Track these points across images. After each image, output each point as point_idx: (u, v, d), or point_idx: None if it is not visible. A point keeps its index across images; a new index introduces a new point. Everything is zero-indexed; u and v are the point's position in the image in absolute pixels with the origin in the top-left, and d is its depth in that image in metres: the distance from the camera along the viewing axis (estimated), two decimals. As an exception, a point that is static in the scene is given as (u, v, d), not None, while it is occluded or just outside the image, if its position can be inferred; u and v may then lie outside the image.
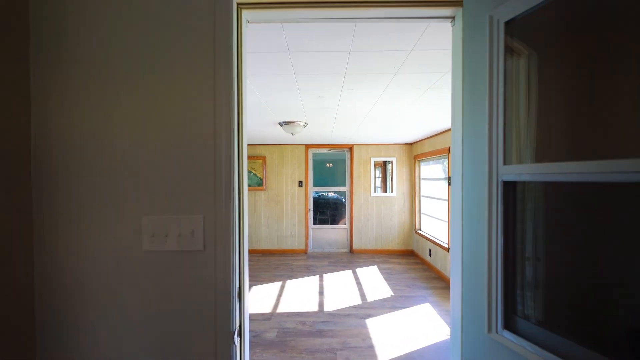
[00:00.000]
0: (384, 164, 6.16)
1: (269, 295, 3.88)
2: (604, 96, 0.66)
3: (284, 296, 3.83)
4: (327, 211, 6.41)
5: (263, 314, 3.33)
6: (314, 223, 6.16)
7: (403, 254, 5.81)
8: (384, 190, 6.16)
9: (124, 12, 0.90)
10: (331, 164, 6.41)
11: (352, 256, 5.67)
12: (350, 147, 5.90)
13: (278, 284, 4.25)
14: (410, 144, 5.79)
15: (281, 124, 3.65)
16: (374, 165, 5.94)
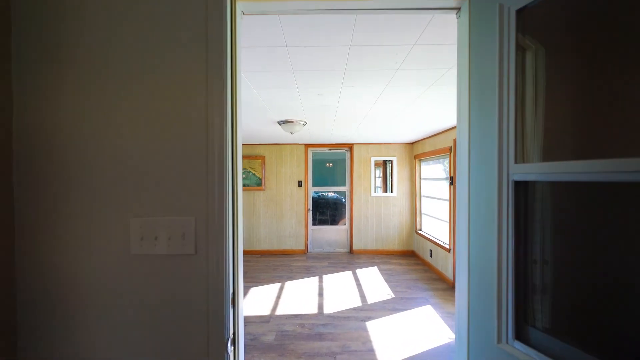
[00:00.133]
0: (384, 164, 6.11)
1: (268, 296, 3.82)
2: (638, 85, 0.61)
3: (283, 298, 3.78)
4: (327, 211, 6.36)
5: (261, 317, 3.28)
6: (314, 223, 6.11)
7: (403, 254, 5.75)
8: (384, 190, 6.11)
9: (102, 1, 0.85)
10: (331, 164, 6.36)
11: (352, 257, 5.62)
12: (350, 147, 5.85)
13: (277, 286, 4.19)
14: (410, 143, 5.75)
15: (280, 122, 3.60)
16: (374, 165, 5.89)
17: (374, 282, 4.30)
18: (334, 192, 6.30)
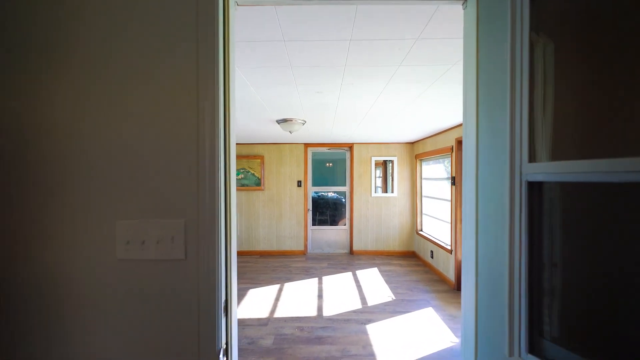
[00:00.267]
0: (385, 164, 6.05)
1: (266, 298, 3.76)
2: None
3: (282, 300, 3.72)
4: (327, 211, 6.30)
5: (259, 319, 3.22)
6: (313, 224, 6.05)
7: (404, 255, 5.69)
8: (385, 190, 6.05)
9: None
10: (331, 164, 6.30)
11: (352, 258, 5.56)
12: (350, 146, 5.79)
13: (276, 287, 4.13)
14: (411, 143, 5.69)
15: (279, 121, 3.54)
16: (375, 165, 5.82)
17: (374, 284, 4.24)
18: (334, 192, 6.24)
